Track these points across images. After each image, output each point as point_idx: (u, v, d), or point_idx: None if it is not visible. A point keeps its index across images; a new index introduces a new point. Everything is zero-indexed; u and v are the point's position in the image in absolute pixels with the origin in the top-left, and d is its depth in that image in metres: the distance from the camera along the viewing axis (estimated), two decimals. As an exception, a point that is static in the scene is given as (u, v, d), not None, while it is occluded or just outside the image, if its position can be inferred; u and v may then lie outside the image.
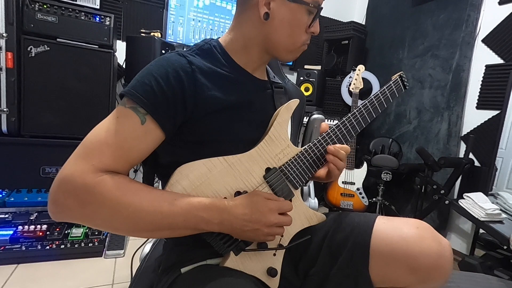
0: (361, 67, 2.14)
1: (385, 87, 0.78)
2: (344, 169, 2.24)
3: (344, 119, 0.74)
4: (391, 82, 0.79)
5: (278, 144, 0.67)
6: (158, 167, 0.71)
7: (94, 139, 0.56)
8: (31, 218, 1.60)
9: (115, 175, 0.55)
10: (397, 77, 0.80)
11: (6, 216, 1.60)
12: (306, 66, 2.67)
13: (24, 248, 1.43)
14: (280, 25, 0.66)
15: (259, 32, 0.68)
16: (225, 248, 0.61)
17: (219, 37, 0.73)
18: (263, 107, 0.72)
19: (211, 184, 0.60)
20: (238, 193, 0.62)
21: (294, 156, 0.68)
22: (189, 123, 0.62)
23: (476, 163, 1.91)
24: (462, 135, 2.06)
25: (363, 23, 2.92)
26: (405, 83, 0.81)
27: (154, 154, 0.63)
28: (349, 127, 0.74)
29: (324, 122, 0.75)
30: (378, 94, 0.77)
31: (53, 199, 0.54)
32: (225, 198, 0.61)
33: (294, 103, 0.69)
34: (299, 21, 0.67)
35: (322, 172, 0.76)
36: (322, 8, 0.69)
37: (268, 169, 0.65)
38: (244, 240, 0.62)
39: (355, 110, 0.75)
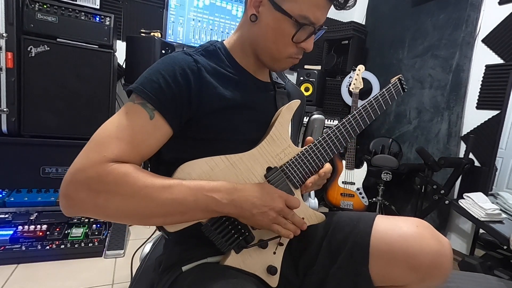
0: (361, 67, 2.14)
1: (384, 90, 0.79)
2: (344, 169, 2.25)
3: (344, 120, 0.74)
4: (390, 85, 0.80)
5: (279, 144, 0.68)
6: (160, 164, 0.71)
7: (104, 134, 0.57)
8: (31, 218, 1.60)
9: (125, 164, 0.56)
10: (396, 80, 0.81)
11: (6, 216, 1.59)
12: (306, 66, 2.67)
13: (24, 248, 1.43)
14: (265, 29, 0.66)
15: (250, 33, 0.69)
16: (227, 246, 0.62)
17: (224, 39, 0.75)
18: (265, 107, 0.73)
19: None
20: (239, 192, 0.62)
21: (294, 156, 0.69)
22: (193, 120, 0.63)
23: (476, 163, 1.91)
24: (462, 135, 2.07)
25: (363, 23, 2.93)
26: (404, 85, 0.82)
27: (158, 151, 0.64)
28: (349, 129, 0.74)
29: (309, 137, 0.75)
30: (377, 96, 0.77)
31: (65, 193, 0.54)
32: None
33: (295, 103, 0.70)
34: (283, 31, 0.64)
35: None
36: (316, 27, 0.65)
37: (269, 169, 0.66)
38: (245, 238, 0.63)
39: (354, 112, 0.75)
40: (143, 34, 2.04)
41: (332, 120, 2.46)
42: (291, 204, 0.63)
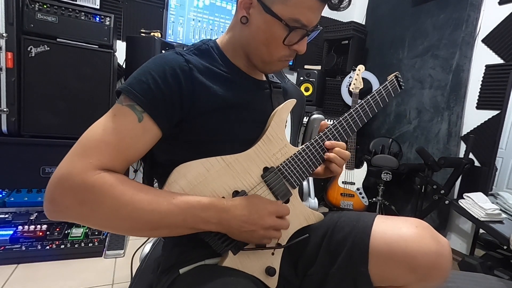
0: (361, 67, 2.14)
1: (381, 87, 0.79)
2: (344, 169, 2.25)
3: (341, 118, 0.74)
4: (387, 82, 0.80)
5: (275, 144, 0.67)
6: (155, 166, 0.71)
7: (92, 137, 0.56)
8: (31, 218, 1.61)
9: (113, 173, 0.55)
10: (393, 77, 0.81)
11: (6, 216, 1.60)
12: (306, 66, 2.67)
13: (24, 248, 1.43)
14: (256, 32, 0.64)
15: (241, 35, 0.68)
16: (224, 248, 0.62)
17: (217, 38, 0.74)
18: (261, 107, 0.72)
19: (209, 183, 0.60)
20: (236, 193, 0.62)
21: (291, 156, 0.68)
22: (186, 122, 0.62)
23: (476, 163, 1.91)
24: (462, 135, 2.06)
25: (363, 23, 2.92)
26: (401, 83, 0.82)
27: (152, 153, 0.63)
28: (346, 127, 0.74)
29: (323, 121, 0.75)
30: (374, 94, 0.78)
31: (50, 197, 0.53)
32: (223, 197, 0.61)
33: (291, 103, 0.70)
34: (274, 34, 0.63)
35: (319, 168, 0.76)
36: (309, 29, 0.63)
37: (265, 169, 0.66)
38: (242, 240, 0.62)
39: (351, 110, 0.75)
40: (143, 34, 2.04)
41: (332, 120, 2.45)
42: (282, 214, 0.63)
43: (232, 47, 0.71)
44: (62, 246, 1.49)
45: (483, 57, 1.97)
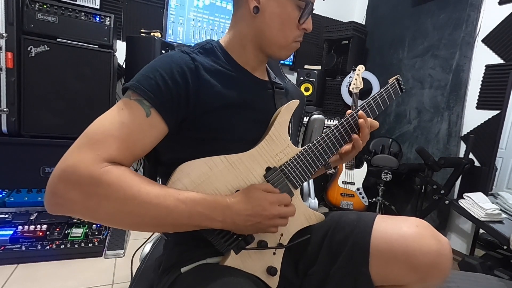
0: (361, 67, 2.14)
1: (382, 90, 0.80)
2: (344, 169, 2.25)
3: (343, 120, 0.74)
4: (388, 85, 0.81)
5: (278, 144, 0.67)
6: (158, 165, 0.71)
7: (99, 130, 0.55)
8: (31, 218, 1.61)
9: (121, 166, 0.54)
10: (394, 80, 0.82)
11: (6, 216, 1.60)
12: (306, 66, 2.67)
13: (24, 248, 1.43)
14: (270, 18, 0.66)
15: (251, 27, 0.69)
16: (226, 247, 0.62)
17: (219, 39, 0.74)
18: (264, 106, 0.72)
19: (212, 182, 0.60)
20: (238, 192, 0.62)
21: (294, 156, 0.69)
22: (191, 120, 0.62)
23: (476, 163, 1.91)
24: (462, 135, 2.07)
25: (363, 23, 2.93)
26: (402, 86, 0.83)
27: (155, 151, 0.63)
28: (348, 128, 0.74)
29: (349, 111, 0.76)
30: (375, 96, 0.78)
31: (53, 190, 0.51)
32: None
33: (294, 103, 0.70)
34: (288, 15, 0.66)
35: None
36: (312, 4, 0.68)
37: (268, 169, 0.66)
38: (244, 239, 0.62)
39: (353, 112, 0.75)
40: (143, 34, 2.04)
41: (332, 120, 2.46)
42: (284, 203, 0.62)
43: (238, 44, 0.71)
44: (62, 246, 1.49)
45: (483, 57, 1.97)
